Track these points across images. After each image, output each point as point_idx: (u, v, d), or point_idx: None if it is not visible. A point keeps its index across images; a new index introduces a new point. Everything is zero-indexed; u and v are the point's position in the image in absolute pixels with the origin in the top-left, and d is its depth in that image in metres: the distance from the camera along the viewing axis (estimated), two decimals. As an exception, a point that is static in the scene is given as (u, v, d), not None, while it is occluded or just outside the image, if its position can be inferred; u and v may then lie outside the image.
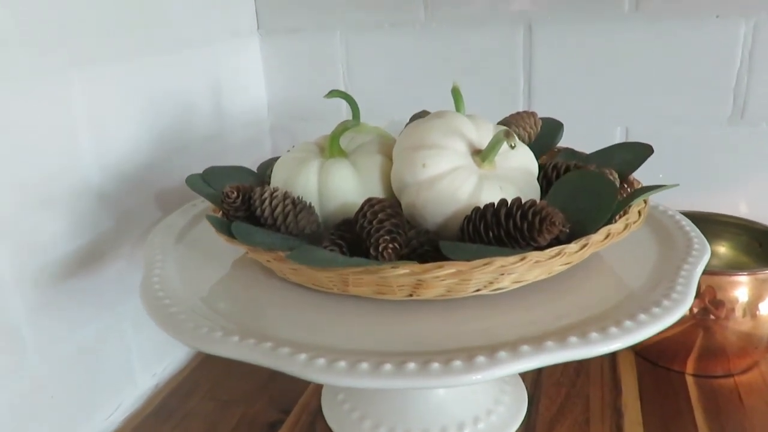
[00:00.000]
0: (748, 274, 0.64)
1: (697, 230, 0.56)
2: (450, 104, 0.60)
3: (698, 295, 0.65)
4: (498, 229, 0.44)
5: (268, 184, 0.58)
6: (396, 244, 0.43)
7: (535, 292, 0.48)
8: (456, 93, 0.62)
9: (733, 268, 0.77)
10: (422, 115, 0.75)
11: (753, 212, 0.78)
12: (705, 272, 0.52)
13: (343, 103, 0.89)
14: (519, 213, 0.43)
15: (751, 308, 0.65)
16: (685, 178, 0.79)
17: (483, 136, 0.52)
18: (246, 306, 0.49)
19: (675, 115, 0.77)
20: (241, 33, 0.86)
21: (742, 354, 0.67)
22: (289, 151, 0.61)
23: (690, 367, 0.68)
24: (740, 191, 0.78)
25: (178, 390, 0.70)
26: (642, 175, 0.58)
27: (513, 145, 0.46)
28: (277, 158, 0.67)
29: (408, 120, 0.74)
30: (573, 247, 0.43)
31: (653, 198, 0.59)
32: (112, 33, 0.63)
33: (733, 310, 0.65)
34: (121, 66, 0.64)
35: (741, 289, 0.65)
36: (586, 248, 0.43)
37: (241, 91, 0.87)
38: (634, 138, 0.79)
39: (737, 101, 0.74)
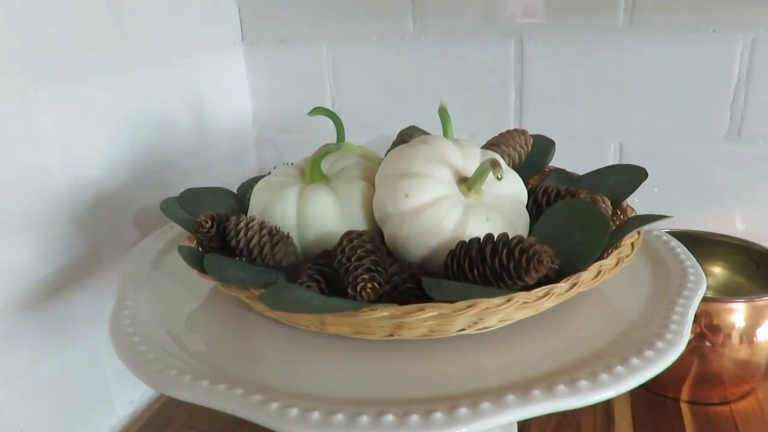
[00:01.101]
0: (744, 301, 0.62)
1: (693, 258, 0.54)
2: (439, 119, 0.58)
3: (694, 320, 0.63)
4: (483, 267, 0.41)
5: (248, 206, 0.55)
6: (375, 284, 0.41)
7: (522, 329, 0.45)
8: (443, 113, 0.59)
9: (729, 289, 0.75)
10: (410, 130, 0.73)
11: (750, 231, 0.76)
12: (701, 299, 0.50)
13: (330, 115, 0.87)
14: (505, 251, 0.41)
15: (748, 334, 0.63)
16: (681, 195, 0.77)
17: (469, 163, 0.50)
18: (220, 344, 0.46)
19: (670, 131, 0.74)
20: (225, 44, 0.84)
21: (739, 381, 0.65)
22: (270, 173, 0.59)
23: (685, 394, 0.66)
24: (737, 210, 0.76)
25: (156, 417, 0.67)
26: (635, 191, 0.56)
27: (499, 177, 0.44)
28: (260, 177, 0.64)
29: (396, 135, 0.72)
30: (562, 287, 0.41)
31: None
32: (82, 51, 0.60)
33: (729, 336, 0.63)
34: (93, 84, 0.62)
35: (737, 315, 0.63)
36: (575, 287, 0.41)
37: (225, 104, 0.84)
38: (628, 155, 0.77)
39: (734, 118, 0.72)
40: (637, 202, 0.56)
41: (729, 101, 0.71)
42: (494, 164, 0.44)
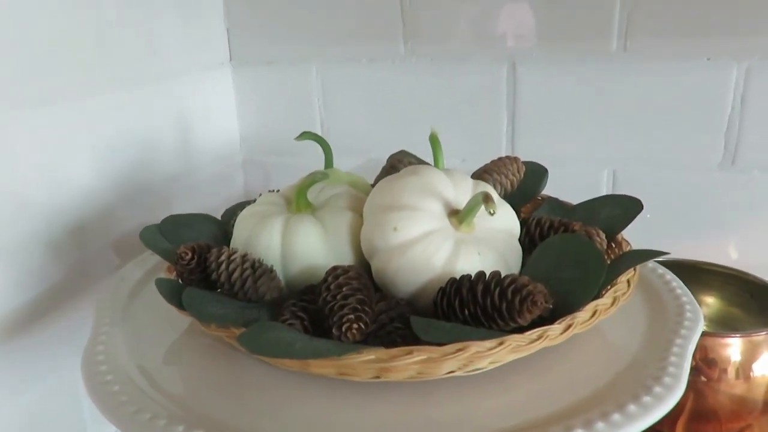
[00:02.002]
0: (741, 336, 0.61)
1: (689, 294, 0.52)
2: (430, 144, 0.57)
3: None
4: (474, 307, 0.40)
5: (232, 234, 0.53)
6: (361, 324, 0.39)
7: (515, 368, 0.43)
8: (434, 140, 0.58)
9: (724, 319, 0.74)
10: (400, 155, 0.71)
11: (743, 260, 0.74)
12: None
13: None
14: (498, 290, 0.39)
15: (745, 369, 0.61)
16: (674, 223, 0.75)
17: (461, 195, 0.48)
18: (199, 382, 0.44)
19: (664, 159, 0.73)
20: (213, 65, 0.82)
21: (735, 417, 0.63)
22: (255, 200, 0.57)
23: (680, 429, 0.64)
24: (731, 239, 0.75)
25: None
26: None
27: (492, 212, 0.42)
28: (245, 203, 0.63)
29: (386, 159, 0.71)
30: (556, 329, 0.39)
31: (640, 247, 0.55)
32: (60, 72, 0.58)
33: (725, 371, 0.61)
34: (72, 106, 0.60)
35: (733, 349, 0.61)
36: (570, 329, 0.39)
37: (212, 126, 0.82)
38: (621, 182, 0.76)
39: (728, 147, 0.71)
40: (630, 229, 0.54)
41: (723, 130, 0.70)
42: (487, 199, 0.42)
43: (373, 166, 0.71)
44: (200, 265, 0.47)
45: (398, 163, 0.68)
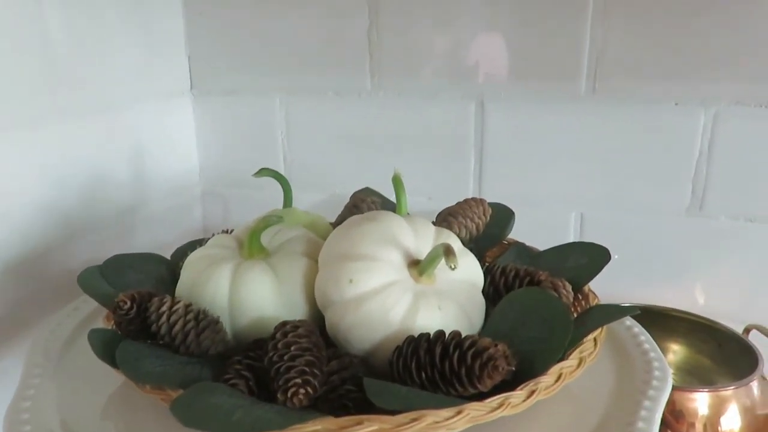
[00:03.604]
0: (709, 391, 0.59)
1: (657, 350, 0.50)
2: None
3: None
4: (432, 371, 0.37)
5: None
6: (309, 389, 0.36)
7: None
8: (397, 182, 0.56)
9: (691, 367, 0.73)
10: (364, 193, 0.69)
11: (710, 306, 0.73)
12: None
13: (281, 170, 0.82)
14: (457, 353, 0.36)
15: (713, 423, 0.59)
16: (642, 268, 0.74)
17: (422, 244, 0.46)
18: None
19: (632, 203, 0.72)
20: (172, 93, 0.79)
21: (703, 472, 0.61)
22: (206, 242, 0.54)
23: (647, 485, 0.62)
24: (698, 285, 0.73)
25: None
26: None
27: (453, 266, 0.40)
28: (196, 242, 0.59)
29: (350, 196, 0.68)
30: (519, 395, 0.36)
31: (607, 291, 0.53)
32: (7, 101, 0.55)
33: (693, 425, 0.59)
34: (16, 137, 0.56)
35: (701, 403, 0.59)
36: (534, 396, 0.37)
37: (169, 156, 0.79)
38: (589, 225, 0.74)
39: (696, 192, 0.70)
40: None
41: (691, 175, 0.70)
42: (447, 252, 0.40)
43: (337, 201, 0.68)
44: (140, 315, 0.44)
45: (361, 202, 0.65)
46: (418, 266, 0.44)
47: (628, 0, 0.66)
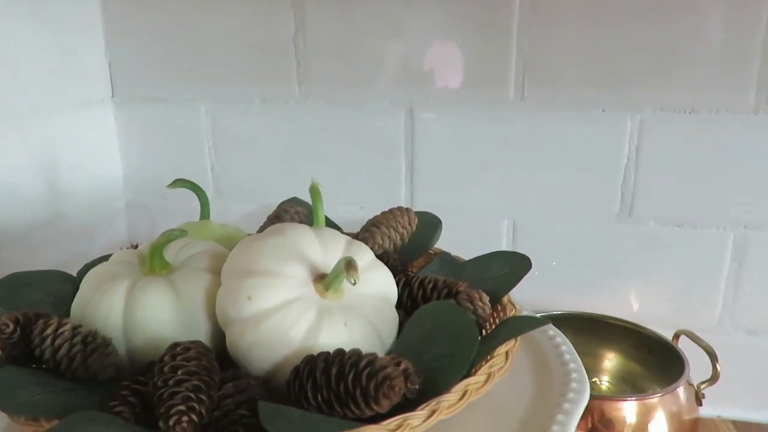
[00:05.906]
0: (636, 399, 0.59)
1: (579, 361, 0.50)
2: (326, 188, 0.55)
3: (586, 414, 0.59)
4: (328, 393, 0.35)
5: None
6: (193, 416, 0.33)
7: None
8: (314, 192, 0.54)
9: (623, 374, 0.73)
10: (290, 204, 0.67)
11: (643, 311, 0.73)
12: (591, 396, 0.46)
13: (209, 181, 0.80)
14: (352, 373, 0.34)
15: (641, 430, 0.59)
16: (574, 274, 0.74)
17: (330, 257, 0.44)
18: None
19: (563, 210, 0.72)
20: (92, 101, 0.76)
21: (633, 481, 0.61)
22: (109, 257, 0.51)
23: (577, 495, 0.61)
24: (630, 291, 0.73)
25: None
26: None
27: (353, 281, 0.38)
28: (104, 258, 0.56)
29: (277, 205, 0.66)
30: (418, 417, 0.35)
31: (543, 299, 0.52)
32: None
33: (621, 433, 0.59)
34: None
35: (629, 411, 0.59)
36: (434, 416, 0.35)
37: (88, 167, 0.75)
38: (522, 232, 0.74)
39: (625, 198, 0.70)
40: (529, 279, 0.51)
41: (620, 181, 0.69)
42: (349, 266, 0.38)
43: (266, 212, 0.66)
44: (25, 339, 0.41)
45: (284, 213, 0.63)
46: (323, 281, 0.42)
47: (554, 8, 0.66)
